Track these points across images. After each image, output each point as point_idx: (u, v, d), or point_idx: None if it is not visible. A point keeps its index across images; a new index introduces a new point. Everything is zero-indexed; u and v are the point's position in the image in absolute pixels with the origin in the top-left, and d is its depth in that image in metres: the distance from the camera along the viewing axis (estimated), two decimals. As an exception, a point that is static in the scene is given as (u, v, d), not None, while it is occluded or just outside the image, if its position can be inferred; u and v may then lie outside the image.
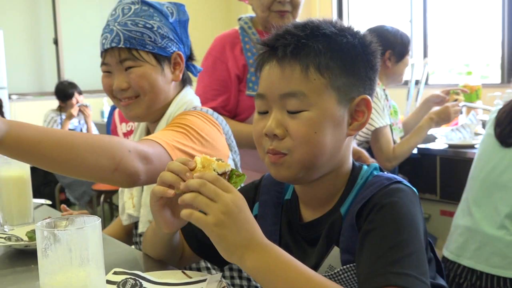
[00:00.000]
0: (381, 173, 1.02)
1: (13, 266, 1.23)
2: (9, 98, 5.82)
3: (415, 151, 2.72)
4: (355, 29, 1.01)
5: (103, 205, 4.63)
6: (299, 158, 0.95)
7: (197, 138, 1.34)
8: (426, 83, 4.26)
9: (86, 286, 0.78)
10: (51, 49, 6.58)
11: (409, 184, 0.97)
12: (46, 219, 0.94)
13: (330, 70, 0.95)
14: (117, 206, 3.74)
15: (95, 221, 0.79)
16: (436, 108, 2.72)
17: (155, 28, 1.40)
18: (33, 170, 5.23)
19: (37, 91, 6.51)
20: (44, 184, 5.28)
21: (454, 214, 2.04)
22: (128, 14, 1.40)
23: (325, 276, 0.92)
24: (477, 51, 5.26)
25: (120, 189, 1.55)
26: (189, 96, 1.50)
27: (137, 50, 1.38)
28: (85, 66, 5.99)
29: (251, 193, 1.15)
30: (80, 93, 5.23)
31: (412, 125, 2.80)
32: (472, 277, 1.85)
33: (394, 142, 2.61)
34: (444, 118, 2.63)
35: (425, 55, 5.26)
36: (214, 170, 0.94)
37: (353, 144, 1.09)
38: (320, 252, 0.98)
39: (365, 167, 1.03)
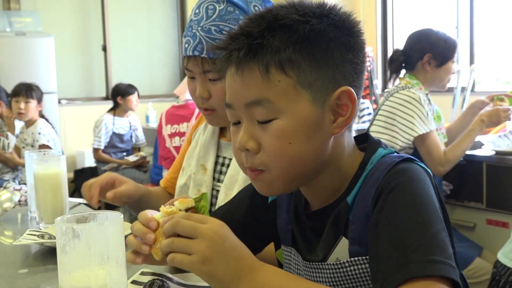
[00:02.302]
0: (392, 154, 0.90)
1: (45, 264, 1.24)
2: (59, 102, 5.96)
3: (459, 157, 2.64)
4: (325, 8, 0.87)
5: (146, 208, 4.68)
6: (277, 174, 0.86)
7: None
8: (472, 90, 4.13)
9: (106, 285, 0.76)
10: (100, 55, 6.73)
11: (421, 163, 0.87)
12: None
13: (296, 66, 0.83)
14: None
15: (117, 217, 0.78)
16: (487, 108, 2.63)
17: None
18: (81, 171, 5.34)
19: (85, 96, 6.65)
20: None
21: (504, 223, 1.98)
22: (212, 17, 1.30)
23: (332, 265, 0.87)
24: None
25: (180, 184, 1.51)
26: None
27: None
28: (132, 73, 6.10)
29: None
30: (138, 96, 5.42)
31: (457, 131, 2.71)
32: None
33: (440, 147, 2.54)
34: (495, 120, 2.56)
35: (471, 62, 5.12)
36: (180, 210, 0.89)
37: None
38: (327, 243, 0.90)
39: (380, 149, 0.91)
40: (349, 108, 0.86)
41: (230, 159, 1.42)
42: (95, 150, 5.27)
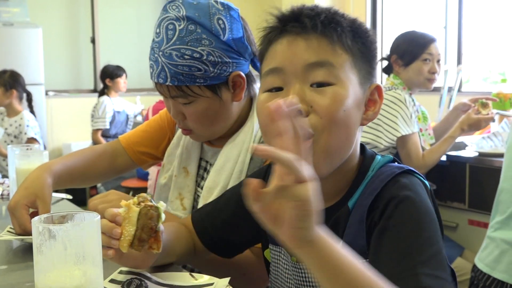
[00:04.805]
0: (392, 163, 0.95)
1: (25, 260, 1.23)
2: (46, 94, 5.93)
3: (443, 158, 2.66)
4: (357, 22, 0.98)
5: (132, 203, 4.67)
6: (326, 142, 0.86)
7: None
8: (459, 90, 4.16)
9: (82, 285, 0.76)
10: (88, 47, 6.68)
11: (421, 176, 0.92)
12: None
13: (352, 50, 0.91)
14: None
15: (93, 218, 0.78)
16: (469, 111, 2.65)
17: (205, 57, 1.21)
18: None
19: (73, 88, 6.62)
20: (76, 180, 5.37)
21: (485, 224, 1.99)
22: (172, 40, 1.22)
23: None
24: (513, 59, 5.11)
25: (161, 184, 1.48)
26: None
27: (187, 86, 1.24)
28: (120, 65, 6.06)
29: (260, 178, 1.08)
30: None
31: (441, 132, 2.74)
32: None
33: (423, 149, 2.56)
34: (475, 129, 2.60)
35: (459, 62, 5.15)
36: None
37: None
38: None
39: (378, 157, 0.96)
40: (377, 104, 0.94)
41: (211, 165, 1.39)
42: (96, 132, 5.20)
